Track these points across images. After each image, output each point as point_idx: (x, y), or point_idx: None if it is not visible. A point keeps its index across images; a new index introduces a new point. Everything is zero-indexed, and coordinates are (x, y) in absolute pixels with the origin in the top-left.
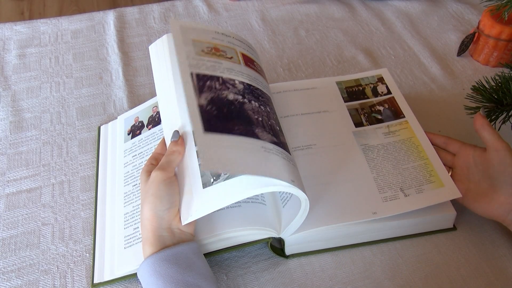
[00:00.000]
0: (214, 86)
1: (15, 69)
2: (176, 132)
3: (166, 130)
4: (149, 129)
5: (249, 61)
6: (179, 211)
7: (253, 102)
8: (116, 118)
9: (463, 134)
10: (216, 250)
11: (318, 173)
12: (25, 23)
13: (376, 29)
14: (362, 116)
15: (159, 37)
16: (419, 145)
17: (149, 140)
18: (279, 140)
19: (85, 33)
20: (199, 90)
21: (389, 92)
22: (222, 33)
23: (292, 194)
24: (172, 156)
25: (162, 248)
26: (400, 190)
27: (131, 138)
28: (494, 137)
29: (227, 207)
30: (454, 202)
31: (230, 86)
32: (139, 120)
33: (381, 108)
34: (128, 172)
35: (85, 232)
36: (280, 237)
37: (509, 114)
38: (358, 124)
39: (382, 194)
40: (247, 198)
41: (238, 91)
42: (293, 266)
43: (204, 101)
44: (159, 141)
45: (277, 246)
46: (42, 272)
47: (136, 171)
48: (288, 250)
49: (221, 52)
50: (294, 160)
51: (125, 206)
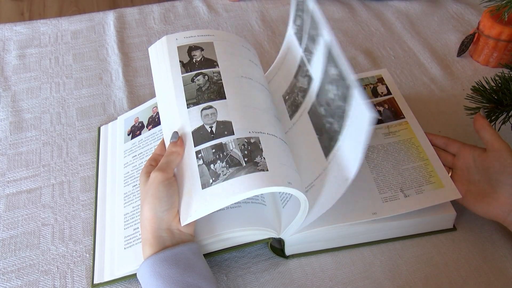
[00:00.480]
0: None
1: (15, 70)
2: (175, 133)
3: (165, 131)
4: (149, 130)
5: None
6: (178, 212)
7: None
8: (116, 118)
9: (463, 135)
10: (216, 251)
11: None
12: (25, 24)
13: (376, 30)
14: None
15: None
16: (419, 146)
17: (149, 140)
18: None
19: (85, 34)
20: None
21: (389, 92)
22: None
23: (291, 194)
24: (171, 157)
25: (162, 248)
26: (400, 191)
27: (131, 139)
28: (494, 138)
29: (227, 207)
30: (454, 203)
31: None
32: (139, 120)
33: (381, 108)
34: (128, 172)
35: (85, 233)
36: (280, 238)
37: (509, 114)
38: None
39: (382, 194)
40: (247, 198)
41: None
42: (293, 267)
43: None
44: (159, 141)
45: (277, 247)
46: (42, 273)
47: (136, 172)
48: (288, 251)
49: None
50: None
51: (125, 207)
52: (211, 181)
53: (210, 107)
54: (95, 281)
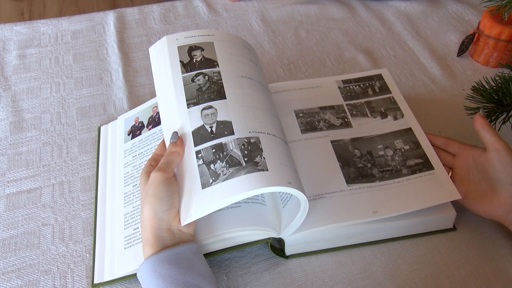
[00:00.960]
0: None
1: (15, 70)
2: (175, 133)
3: (165, 131)
4: (149, 130)
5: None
6: (178, 212)
7: None
8: (116, 118)
9: (463, 135)
10: (216, 251)
11: None
12: (25, 24)
13: (376, 30)
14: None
15: (159, 38)
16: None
17: (149, 140)
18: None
19: (85, 34)
20: None
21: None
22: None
23: (291, 194)
24: (171, 157)
25: (162, 248)
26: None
27: (131, 139)
28: (494, 138)
29: (227, 207)
30: (454, 203)
31: None
32: (139, 120)
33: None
34: (128, 172)
35: (85, 233)
36: (280, 238)
37: (509, 114)
38: None
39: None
40: (247, 198)
41: None
42: (293, 267)
43: None
44: (159, 141)
45: (277, 247)
46: (42, 273)
47: (136, 172)
48: (288, 251)
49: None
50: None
51: (125, 207)
52: (211, 181)
53: (210, 107)
54: (95, 281)
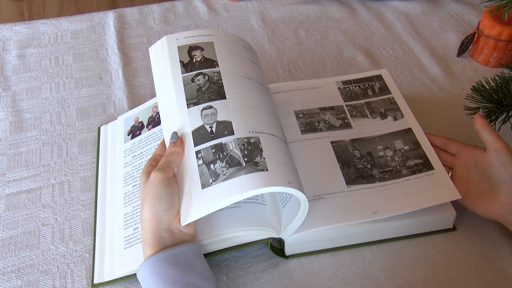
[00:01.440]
0: None
1: (15, 70)
2: (175, 133)
3: (165, 131)
4: (149, 130)
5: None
6: (178, 212)
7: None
8: (116, 118)
9: (463, 135)
10: (216, 251)
11: None
12: (25, 24)
13: (376, 30)
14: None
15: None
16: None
17: (149, 140)
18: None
19: (85, 34)
20: None
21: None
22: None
23: (291, 194)
24: (171, 157)
25: (162, 248)
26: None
27: (131, 139)
28: (494, 138)
29: (227, 207)
30: (454, 203)
31: None
32: (139, 120)
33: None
34: (128, 172)
35: (85, 233)
36: (280, 238)
37: (509, 114)
38: None
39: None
40: (247, 198)
41: None
42: (293, 267)
43: None
44: (159, 141)
45: (277, 247)
46: (42, 273)
47: (136, 172)
48: (288, 251)
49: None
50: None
51: (125, 207)
52: (211, 181)
53: (210, 107)
54: (95, 281)
